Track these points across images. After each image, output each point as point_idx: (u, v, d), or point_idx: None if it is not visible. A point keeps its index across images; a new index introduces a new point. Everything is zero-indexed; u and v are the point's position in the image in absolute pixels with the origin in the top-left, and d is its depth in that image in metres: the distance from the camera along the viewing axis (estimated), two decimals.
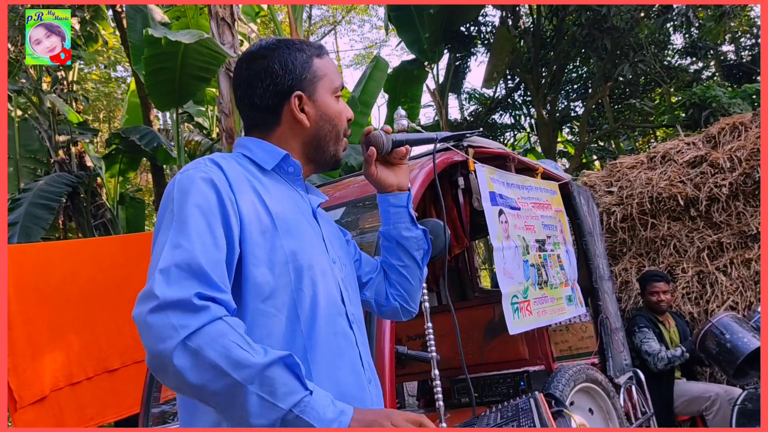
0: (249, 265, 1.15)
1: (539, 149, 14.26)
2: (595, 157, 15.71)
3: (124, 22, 9.01)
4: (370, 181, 1.49)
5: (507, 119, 15.10)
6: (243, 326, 1.07)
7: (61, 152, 8.93)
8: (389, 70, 11.23)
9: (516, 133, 16.01)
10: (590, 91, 13.09)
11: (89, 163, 9.37)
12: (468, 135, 1.67)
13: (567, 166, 12.99)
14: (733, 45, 13.80)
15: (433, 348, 2.54)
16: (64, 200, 8.40)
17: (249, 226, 1.17)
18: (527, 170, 3.86)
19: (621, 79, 11.72)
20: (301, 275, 1.19)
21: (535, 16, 12.52)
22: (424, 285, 2.05)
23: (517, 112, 14.86)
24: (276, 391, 1.02)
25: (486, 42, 13.02)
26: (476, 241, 9.05)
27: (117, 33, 11.24)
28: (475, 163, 3.11)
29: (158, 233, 1.14)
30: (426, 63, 12.28)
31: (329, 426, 1.03)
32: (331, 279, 1.26)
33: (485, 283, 12.53)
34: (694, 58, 12.79)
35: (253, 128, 1.37)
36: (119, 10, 9.95)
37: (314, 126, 1.34)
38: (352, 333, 1.27)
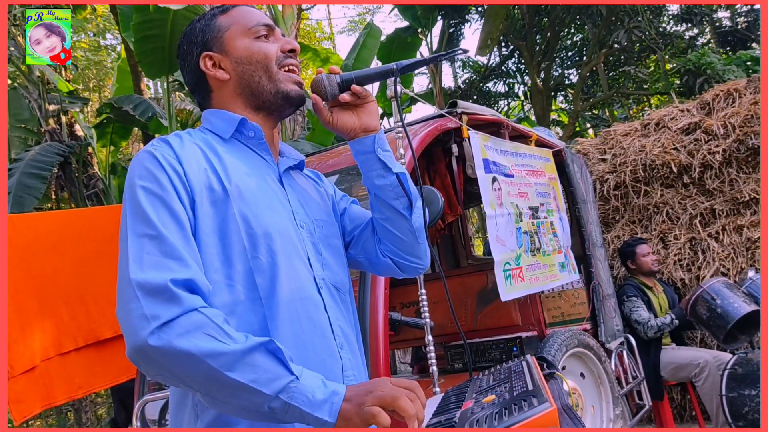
0: (201, 235, 1.13)
1: (533, 117, 14.21)
2: (589, 125, 15.68)
3: None
4: (331, 130, 1.37)
5: (501, 87, 15.03)
6: (221, 316, 1.04)
7: (51, 121, 8.84)
8: (382, 38, 11.11)
9: (510, 101, 15.92)
10: (585, 58, 13.02)
11: (80, 133, 9.29)
12: (433, 60, 1.45)
13: (561, 135, 12.96)
14: (728, 11, 13.70)
15: (427, 314, 2.56)
16: (56, 170, 8.35)
17: (199, 197, 1.15)
18: (521, 137, 3.85)
19: (616, 45, 11.66)
20: (256, 243, 1.16)
21: None
22: None
23: (511, 80, 14.78)
24: (258, 378, 0.99)
25: (480, 8, 12.88)
26: (470, 210, 9.07)
27: None
28: (468, 130, 3.09)
29: (122, 228, 1.13)
30: (420, 30, 12.16)
31: (320, 408, 1.00)
32: (295, 244, 1.22)
33: (478, 251, 12.58)
34: (689, 25, 12.71)
35: (202, 107, 1.38)
36: None
37: (234, 74, 1.30)
38: (320, 298, 1.23)
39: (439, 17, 12.42)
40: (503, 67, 14.37)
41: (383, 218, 1.39)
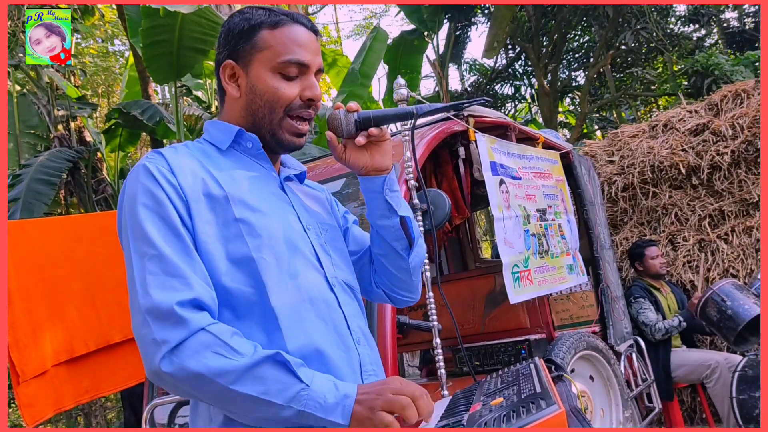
0: (203, 243, 1.14)
1: (540, 120, 14.18)
2: (596, 127, 15.65)
3: None
4: (342, 164, 1.36)
5: (508, 90, 15.01)
6: (228, 332, 1.06)
7: (60, 127, 8.89)
8: (389, 41, 11.12)
9: (517, 103, 15.91)
10: (592, 59, 12.98)
11: (89, 138, 9.35)
12: (452, 107, 1.41)
13: (568, 137, 12.93)
14: (736, 12, 13.65)
15: (435, 318, 2.56)
16: (65, 175, 8.39)
17: (196, 206, 1.15)
18: (528, 140, 3.85)
19: (623, 47, 11.63)
20: (260, 245, 1.16)
21: None
22: (425, 258, 1.93)
23: (517, 83, 14.76)
24: (269, 389, 1.02)
25: (486, 11, 12.89)
26: (477, 213, 9.07)
27: (114, 6, 11.13)
28: (475, 132, 3.09)
29: (123, 244, 1.15)
30: (426, 33, 12.16)
31: (333, 412, 1.03)
32: (302, 245, 1.23)
33: (486, 254, 12.56)
34: (696, 25, 12.67)
35: (219, 103, 1.37)
36: None
37: (244, 98, 1.28)
38: (334, 295, 1.24)
39: (445, 20, 12.42)
40: (510, 70, 14.36)
41: (381, 254, 1.41)
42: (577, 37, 14.09)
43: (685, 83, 11.04)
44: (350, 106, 1.32)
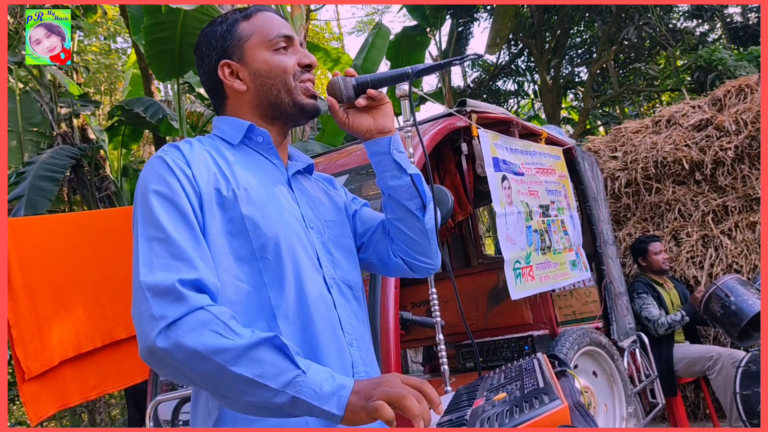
0: (209, 236, 1.16)
1: (543, 116, 14.15)
2: (599, 123, 15.61)
3: None
4: (346, 131, 1.39)
5: (510, 86, 14.98)
6: (228, 313, 1.06)
7: (63, 125, 8.89)
8: (391, 37, 11.11)
9: (520, 99, 15.87)
10: (595, 55, 12.95)
11: (92, 136, 9.35)
12: (447, 64, 1.42)
13: (571, 133, 12.90)
14: (739, 7, 13.59)
15: (438, 314, 2.56)
16: (68, 173, 8.40)
17: (208, 200, 1.17)
18: (531, 135, 3.84)
19: (626, 42, 11.59)
20: (265, 244, 1.18)
21: None
22: None
23: (520, 79, 14.73)
24: (265, 372, 1.01)
25: (489, 7, 12.85)
26: (480, 209, 9.06)
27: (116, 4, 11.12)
28: (478, 128, 3.09)
29: (134, 232, 1.16)
30: (428, 29, 12.15)
31: (328, 401, 1.01)
32: (303, 244, 1.24)
33: (489, 250, 12.55)
34: (699, 21, 12.63)
35: (216, 110, 1.40)
36: None
37: (252, 87, 1.32)
38: (330, 296, 1.25)
39: (447, 16, 12.40)
40: (513, 66, 14.32)
41: (396, 218, 1.40)
42: (579, 33, 14.05)
43: (689, 79, 11.00)
44: (348, 71, 1.36)
